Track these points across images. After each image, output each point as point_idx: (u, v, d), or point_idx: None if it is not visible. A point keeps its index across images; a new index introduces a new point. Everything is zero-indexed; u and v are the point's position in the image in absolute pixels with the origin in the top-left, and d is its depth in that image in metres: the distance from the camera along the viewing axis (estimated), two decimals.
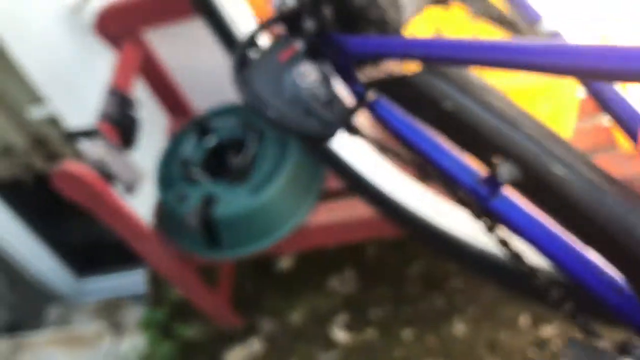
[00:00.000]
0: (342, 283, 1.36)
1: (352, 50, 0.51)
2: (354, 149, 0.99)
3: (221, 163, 1.11)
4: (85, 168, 0.94)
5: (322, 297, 1.35)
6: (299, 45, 0.58)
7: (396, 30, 0.50)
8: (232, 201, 1.02)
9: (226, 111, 1.18)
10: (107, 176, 0.99)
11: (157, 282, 1.48)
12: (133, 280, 1.83)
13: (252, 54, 0.58)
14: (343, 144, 0.98)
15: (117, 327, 1.65)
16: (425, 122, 0.51)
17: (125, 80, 1.12)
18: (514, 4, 0.54)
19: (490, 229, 0.48)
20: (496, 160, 0.45)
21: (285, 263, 1.41)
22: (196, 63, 1.26)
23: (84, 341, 1.57)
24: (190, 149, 1.12)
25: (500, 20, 0.53)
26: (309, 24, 0.54)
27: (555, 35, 0.52)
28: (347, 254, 1.38)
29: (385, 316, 1.28)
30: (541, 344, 1.16)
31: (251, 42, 0.58)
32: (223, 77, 1.26)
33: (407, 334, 1.25)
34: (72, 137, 1.10)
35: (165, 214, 1.11)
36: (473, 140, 0.48)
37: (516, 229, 0.46)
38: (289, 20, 0.57)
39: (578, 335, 0.47)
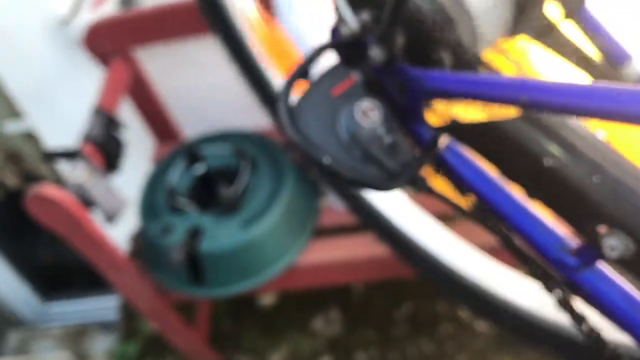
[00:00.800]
0: (326, 323, 1.30)
1: (428, 86, 0.43)
2: (399, 206, 0.92)
3: (210, 193, 1.04)
4: (63, 193, 0.87)
5: (305, 337, 1.29)
6: (356, 77, 0.50)
7: (473, 63, 0.44)
8: (220, 235, 0.96)
9: (217, 138, 1.12)
10: (87, 202, 0.92)
11: (129, 313, 1.39)
12: (102, 306, 1.74)
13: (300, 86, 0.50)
14: (386, 199, 0.91)
15: (81, 358, 1.55)
16: (512, 178, 0.43)
17: (112, 100, 1.05)
18: (598, 40, 0.47)
19: (565, 302, 0.43)
20: (601, 230, 0.38)
21: (267, 299, 1.35)
22: (188, 86, 1.20)
23: None
24: (177, 176, 1.06)
25: (577, 57, 0.47)
26: (376, 53, 0.46)
27: None
28: (332, 293, 1.31)
29: None
30: None
31: (303, 72, 0.50)
32: (215, 102, 1.21)
33: None
34: (51, 157, 1.02)
35: (146, 244, 1.04)
36: (575, 205, 0.40)
37: (606, 308, 0.40)
38: (348, 47, 0.50)
39: None
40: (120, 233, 1.23)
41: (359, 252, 0.99)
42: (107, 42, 1.10)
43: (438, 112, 0.47)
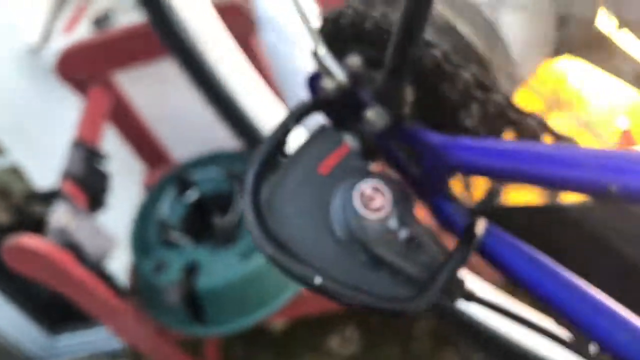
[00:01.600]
0: (343, 343, 1.23)
1: (456, 159, 0.32)
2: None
3: (204, 222, 0.97)
4: (43, 242, 0.80)
5: (320, 358, 1.22)
6: (350, 144, 0.36)
7: (517, 122, 0.32)
8: (218, 269, 0.89)
9: (208, 160, 1.05)
10: (72, 247, 0.85)
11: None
12: (109, 335, 1.68)
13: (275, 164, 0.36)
14: None
15: None
16: (581, 273, 0.31)
17: (92, 131, 0.98)
18: None
19: None
20: None
21: (278, 324, 1.28)
22: (174, 107, 1.13)
23: None
24: (168, 207, 0.99)
25: (635, 75, 0.36)
26: (375, 114, 0.34)
27: None
28: (348, 310, 1.24)
29: None
30: None
31: (276, 146, 0.35)
32: (204, 122, 1.13)
33: None
34: (34, 199, 0.96)
35: (140, 282, 0.97)
36: None
37: None
38: (335, 104, 0.37)
39: None
40: (118, 265, 1.17)
41: None
42: (83, 68, 1.03)
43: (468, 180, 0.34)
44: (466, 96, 0.32)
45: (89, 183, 0.93)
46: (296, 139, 0.36)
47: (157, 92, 1.11)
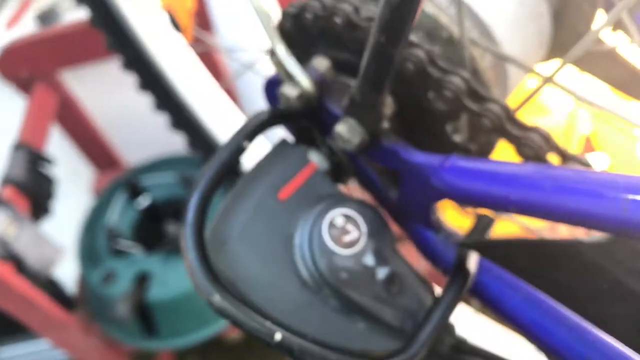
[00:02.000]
0: None
1: (445, 183, 0.26)
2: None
3: (157, 230, 0.93)
4: None
5: None
6: (317, 163, 0.30)
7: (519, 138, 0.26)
8: (171, 280, 0.84)
9: (162, 164, 1.00)
10: (11, 257, 0.80)
11: None
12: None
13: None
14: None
15: None
16: (579, 309, 0.26)
17: (37, 132, 0.92)
18: None
19: None
20: None
21: (235, 334, 1.23)
22: (125, 108, 1.07)
23: None
24: (118, 213, 0.94)
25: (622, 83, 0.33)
26: (348, 129, 0.28)
27: None
28: None
29: None
30: None
31: (229, 162, 0.29)
32: (157, 125, 1.09)
33: None
34: None
35: (89, 294, 0.92)
36: None
37: None
38: (301, 117, 0.31)
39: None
40: (66, 275, 1.10)
41: None
42: (26, 66, 0.97)
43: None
44: (456, 106, 0.27)
45: (32, 188, 0.87)
46: (252, 154, 0.31)
47: (107, 92, 1.05)
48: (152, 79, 0.67)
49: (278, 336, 0.24)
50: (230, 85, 0.75)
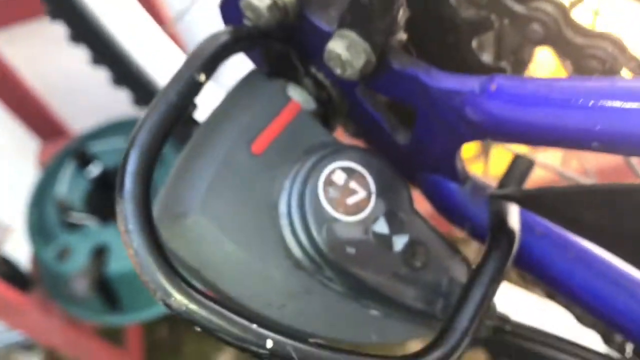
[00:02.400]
0: None
1: (488, 110, 0.19)
2: None
3: (110, 200, 0.87)
4: None
5: None
6: (301, 102, 0.23)
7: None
8: None
9: (111, 130, 0.94)
10: None
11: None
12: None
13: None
14: None
15: None
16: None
17: None
18: None
19: None
20: None
21: None
22: (66, 71, 0.99)
23: None
24: (67, 184, 0.87)
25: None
26: (345, 47, 0.20)
27: None
28: None
29: None
30: None
31: (181, 105, 0.20)
32: (102, 87, 1.01)
33: None
34: None
35: (44, 273, 0.86)
36: None
37: None
38: (275, 37, 0.23)
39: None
40: (19, 254, 1.04)
41: None
42: None
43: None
44: (492, 10, 0.20)
45: None
46: (210, 98, 0.23)
47: (43, 53, 0.97)
48: (84, 28, 0.60)
49: (270, 343, 0.18)
50: (173, 29, 0.68)
